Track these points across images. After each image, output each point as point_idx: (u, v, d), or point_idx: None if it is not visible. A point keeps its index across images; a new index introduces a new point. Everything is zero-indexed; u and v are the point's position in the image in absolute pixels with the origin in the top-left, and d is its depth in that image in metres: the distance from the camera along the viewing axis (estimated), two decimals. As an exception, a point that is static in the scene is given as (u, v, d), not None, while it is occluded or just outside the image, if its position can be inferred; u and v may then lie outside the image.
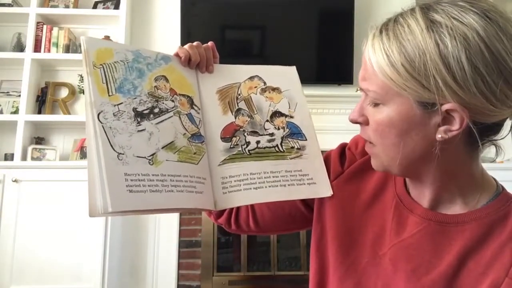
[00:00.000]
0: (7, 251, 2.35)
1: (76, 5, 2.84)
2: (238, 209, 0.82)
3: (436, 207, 0.61)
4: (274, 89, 0.76)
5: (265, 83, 0.76)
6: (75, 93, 2.82)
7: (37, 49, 2.70)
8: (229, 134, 0.70)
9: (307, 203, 0.76)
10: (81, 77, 2.82)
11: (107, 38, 2.70)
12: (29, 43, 2.67)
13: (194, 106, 0.69)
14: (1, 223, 2.37)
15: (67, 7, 2.82)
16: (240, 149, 0.69)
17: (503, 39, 0.49)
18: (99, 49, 0.62)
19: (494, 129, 0.55)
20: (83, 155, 2.65)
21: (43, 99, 2.75)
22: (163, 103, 0.65)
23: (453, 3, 0.52)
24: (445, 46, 0.49)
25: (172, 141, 0.63)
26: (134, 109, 0.61)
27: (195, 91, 0.71)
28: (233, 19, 2.91)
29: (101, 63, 0.61)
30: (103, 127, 0.57)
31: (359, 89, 0.59)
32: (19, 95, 2.65)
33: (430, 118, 0.53)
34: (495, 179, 0.62)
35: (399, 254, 0.61)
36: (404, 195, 0.65)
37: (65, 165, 2.55)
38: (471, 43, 0.48)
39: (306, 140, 0.73)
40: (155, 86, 0.65)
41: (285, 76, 0.78)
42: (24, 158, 2.56)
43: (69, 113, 2.75)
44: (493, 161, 1.80)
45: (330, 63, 2.88)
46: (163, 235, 2.70)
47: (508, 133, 0.57)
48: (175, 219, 2.72)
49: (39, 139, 2.71)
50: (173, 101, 0.66)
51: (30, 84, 2.64)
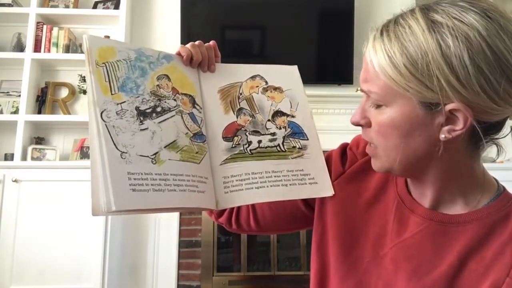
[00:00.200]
0: (7, 251, 2.34)
1: (76, 5, 2.84)
2: (239, 208, 0.82)
3: (437, 207, 0.61)
4: (275, 89, 0.76)
5: (266, 82, 0.76)
6: (75, 93, 2.82)
7: (37, 49, 2.69)
8: (230, 133, 0.70)
9: (308, 203, 0.76)
10: (81, 77, 2.82)
11: (107, 38, 2.70)
12: (29, 43, 2.66)
13: (196, 105, 0.69)
14: (1, 223, 2.36)
15: (67, 7, 2.82)
16: (241, 148, 0.69)
17: (504, 38, 0.49)
18: (101, 47, 0.62)
19: (496, 127, 0.55)
20: (83, 155, 2.65)
21: (43, 99, 2.75)
22: (165, 102, 0.65)
23: (453, 3, 0.52)
24: (447, 46, 0.49)
25: (174, 140, 0.63)
26: (136, 108, 0.61)
27: (196, 90, 0.71)
28: (233, 19, 2.91)
29: (104, 61, 0.61)
30: (106, 126, 0.56)
31: (360, 90, 0.59)
32: (19, 95, 2.65)
33: (433, 118, 0.53)
34: (496, 180, 0.62)
35: (400, 254, 0.61)
36: (405, 195, 0.64)
37: (65, 165, 2.55)
38: (473, 42, 0.48)
39: (307, 139, 0.73)
40: (158, 85, 0.65)
41: (286, 75, 0.78)
42: (24, 158, 2.56)
43: (69, 113, 2.75)
44: (494, 161, 1.81)
45: (330, 63, 2.88)
46: (163, 235, 2.70)
47: (509, 132, 0.58)
48: (175, 219, 2.71)
49: (39, 139, 2.71)
50: (175, 100, 0.66)
51: (30, 84, 2.64)
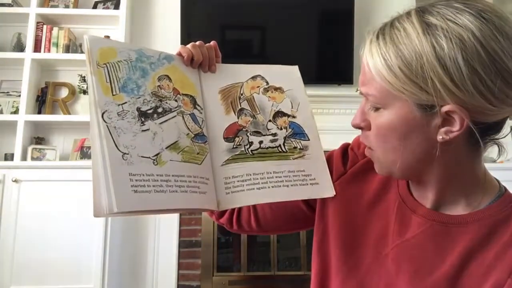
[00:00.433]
0: (7, 251, 2.34)
1: (76, 5, 2.83)
2: (240, 209, 0.82)
3: (439, 207, 0.61)
4: (276, 89, 0.76)
5: (267, 82, 0.75)
6: (75, 93, 2.81)
7: (37, 49, 2.69)
8: (231, 134, 0.70)
9: (309, 203, 0.76)
10: (81, 77, 2.82)
11: (106, 38, 2.70)
12: (29, 43, 2.66)
13: (197, 106, 0.69)
14: (1, 223, 2.36)
15: (67, 7, 2.82)
16: (243, 149, 0.69)
17: (499, 38, 0.49)
18: (102, 48, 0.62)
19: (495, 128, 0.55)
20: (83, 155, 2.65)
21: (43, 99, 2.75)
22: (166, 102, 0.64)
23: (448, 5, 0.52)
24: (441, 48, 0.49)
25: (176, 141, 0.63)
26: (138, 109, 0.61)
27: (197, 90, 0.70)
28: (233, 19, 2.91)
29: (105, 62, 0.61)
30: (108, 127, 0.56)
31: (359, 93, 0.59)
32: (19, 95, 2.64)
33: (430, 120, 0.53)
34: (498, 180, 0.62)
35: (401, 254, 0.61)
36: (407, 196, 0.64)
37: (65, 165, 2.55)
38: (467, 44, 0.48)
39: (308, 140, 0.73)
40: (158, 85, 0.65)
41: (287, 75, 0.78)
42: (24, 158, 2.56)
43: (69, 113, 2.75)
44: (494, 161, 1.80)
45: (330, 63, 2.88)
46: (163, 235, 2.69)
47: (509, 132, 0.57)
48: (175, 219, 2.71)
49: (39, 139, 2.70)
50: (176, 100, 0.66)
51: (30, 84, 2.63)
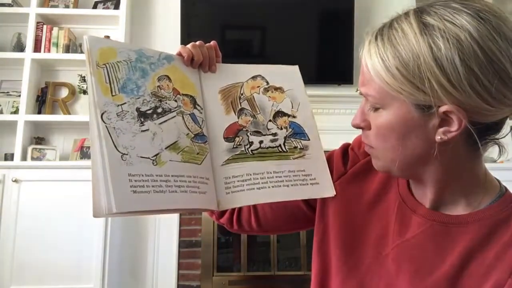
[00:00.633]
0: (7, 251, 2.34)
1: (76, 5, 2.83)
2: (240, 209, 0.82)
3: (438, 207, 0.61)
4: (276, 89, 0.76)
5: (267, 82, 0.75)
6: (75, 93, 2.81)
7: (37, 49, 2.69)
8: (232, 134, 0.70)
9: (310, 203, 0.76)
10: (81, 77, 2.82)
11: (107, 38, 2.70)
12: (29, 43, 2.66)
13: (197, 106, 0.69)
14: (1, 223, 2.36)
15: (67, 7, 2.81)
16: (243, 149, 0.69)
17: (496, 38, 0.49)
18: (102, 48, 0.62)
19: (494, 128, 0.55)
20: (83, 155, 2.65)
21: (43, 99, 2.75)
22: (166, 103, 0.64)
23: (447, 5, 0.52)
24: (438, 48, 0.49)
25: (175, 141, 0.63)
26: (137, 109, 0.61)
27: (197, 90, 0.70)
28: (233, 19, 2.91)
29: (104, 62, 0.61)
30: (107, 127, 0.56)
31: (359, 93, 0.60)
32: (19, 95, 2.64)
33: (428, 120, 0.53)
34: (498, 180, 0.62)
35: (402, 254, 0.61)
36: (407, 196, 0.64)
37: (65, 165, 2.55)
38: (464, 44, 0.48)
39: (309, 140, 0.73)
40: (158, 85, 0.65)
41: (287, 75, 0.78)
42: (24, 158, 2.55)
43: (69, 113, 2.75)
44: (494, 161, 1.81)
45: (330, 63, 2.87)
46: (163, 235, 2.69)
47: (508, 132, 0.57)
48: (175, 219, 2.71)
49: (39, 139, 2.70)
50: (176, 101, 0.66)
51: (30, 84, 2.63)
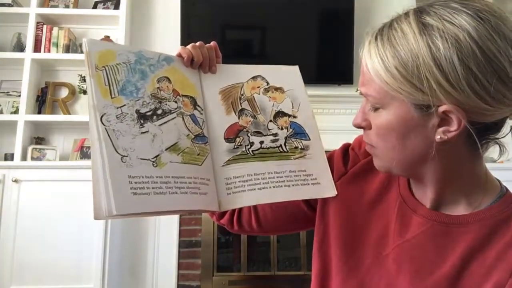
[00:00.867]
0: (7, 251, 2.34)
1: (76, 5, 2.83)
2: (240, 209, 0.82)
3: (439, 207, 0.61)
4: (277, 89, 0.76)
5: (268, 83, 0.75)
6: (75, 93, 2.81)
7: (37, 49, 2.69)
8: (232, 134, 0.70)
9: (310, 204, 0.76)
10: (81, 77, 2.82)
11: (106, 38, 2.70)
12: (29, 43, 2.66)
13: (197, 106, 0.69)
14: (1, 223, 2.36)
15: (67, 7, 2.81)
16: (243, 149, 0.69)
17: (495, 38, 0.49)
18: (101, 51, 0.62)
19: (494, 128, 0.55)
20: (83, 155, 2.65)
21: (43, 99, 2.75)
22: (166, 104, 0.64)
23: (446, 5, 0.52)
24: (437, 48, 0.49)
25: (175, 143, 0.63)
26: (137, 111, 0.61)
27: (198, 91, 0.70)
28: (233, 19, 2.91)
29: (104, 65, 0.61)
30: (106, 130, 0.56)
31: (359, 93, 0.60)
32: (19, 95, 2.64)
33: (427, 120, 0.53)
34: (499, 180, 0.62)
35: (402, 254, 0.61)
36: (408, 196, 0.64)
37: (65, 165, 2.55)
38: (463, 44, 0.49)
39: (309, 140, 0.73)
40: (158, 87, 0.65)
41: (288, 75, 0.78)
42: (24, 158, 2.56)
43: (69, 113, 2.75)
44: (494, 161, 1.80)
45: (330, 63, 2.88)
46: (163, 235, 2.70)
47: (508, 132, 0.57)
48: (175, 219, 2.71)
49: (39, 139, 2.70)
50: (176, 102, 0.66)
51: (30, 84, 2.63)
